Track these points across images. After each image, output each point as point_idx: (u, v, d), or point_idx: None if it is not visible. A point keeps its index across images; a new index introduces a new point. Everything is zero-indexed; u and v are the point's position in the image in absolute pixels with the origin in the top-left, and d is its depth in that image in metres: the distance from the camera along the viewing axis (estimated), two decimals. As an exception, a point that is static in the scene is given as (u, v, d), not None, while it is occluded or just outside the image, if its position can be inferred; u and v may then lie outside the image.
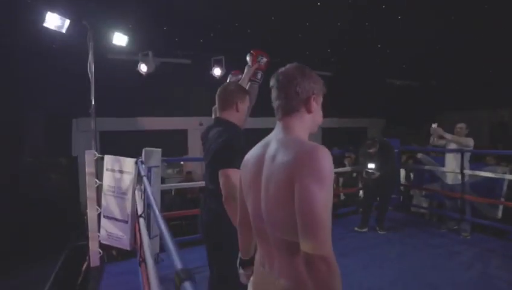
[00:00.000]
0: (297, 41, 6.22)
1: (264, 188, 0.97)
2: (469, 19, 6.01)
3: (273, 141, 1.02)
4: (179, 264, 0.71)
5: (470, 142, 3.99)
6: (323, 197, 0.83)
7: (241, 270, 1.25)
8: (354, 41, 6.53)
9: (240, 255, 1.28)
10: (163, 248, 3.52)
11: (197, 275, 2.42)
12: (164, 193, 6.26)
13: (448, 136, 4.03)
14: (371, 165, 4.13)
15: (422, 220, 5.01)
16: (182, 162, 9.28)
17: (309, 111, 1.05)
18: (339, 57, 7.05)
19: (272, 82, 1.07)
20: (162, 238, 0.92)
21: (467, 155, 4.05)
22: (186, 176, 7.69)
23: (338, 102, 9.43)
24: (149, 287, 1.65)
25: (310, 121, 1.06)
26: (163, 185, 4.18)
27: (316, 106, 1.07)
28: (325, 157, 0.87)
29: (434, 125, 4.18)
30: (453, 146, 4.12)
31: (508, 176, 4.02)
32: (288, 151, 0.92)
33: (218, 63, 5.82)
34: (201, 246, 3.91)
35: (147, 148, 3.00)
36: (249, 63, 2.26)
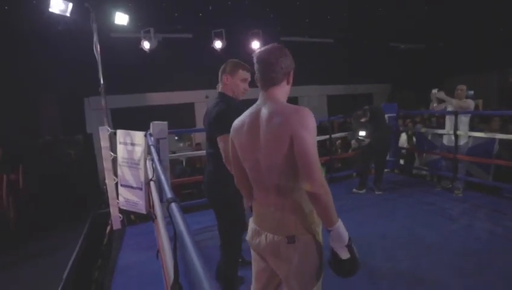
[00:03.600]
0: (297, 10, 6.16)
1: (265, 145, 1.19)
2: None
3: (263, 108, 1.23)
4: (168, 194, 0.98)
5: (471, 104, 4.07)
6: (313, 142, 1.13)
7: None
8: (356, 5, 6.42)
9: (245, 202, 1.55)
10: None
11: (207, 233, 2.79)
12: (175, 164, 6.65)
13: (453, 101, 4.08)
14: (362, 133, 4.32)
15: (421, 181, 5.22)
16: (192, 135, 9.61)
17: (288, 83, 1.29)
18: (340, 24, 6.96)
19: (259, 59, 1.26)
20: (158, 181, 1.17)
21: (467, 117, 4.14)
22: (195, 148, 8.03)
23: (342, 69, 9.44)
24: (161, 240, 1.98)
25: (287, 90, 1.31)
26: (172, 155, 4.50)
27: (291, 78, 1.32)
28: (309, 115, 1.16)
29: (434, 91, 4.26)
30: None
31: (499, 135, 4.15)
32: (282, 113, 1.16)
33: (219, 36, 5.91)
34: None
35: (154, 122, 3.27)
36: None
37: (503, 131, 4.94)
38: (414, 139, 6.16)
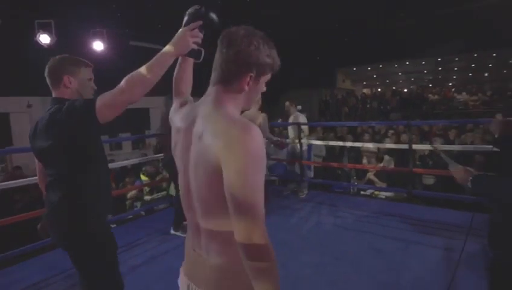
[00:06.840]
0: (148, 14, 5.70)
1: (193, 166, 0.87)
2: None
3: (200, 114, 0.90)
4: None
5: (301, 118, 4.94)
6: (258, 179, 0.78)
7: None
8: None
9: None
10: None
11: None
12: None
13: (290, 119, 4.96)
14: None
15: (274, 187, 5.79)
16: (7, 156, 7.30)
17: (246, 87, 0.92)
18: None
19: (223, 38, 0.91)
20: None
21: (304, 128, 4.97)
22: (13, 173, 6.07)
23: (197, 80, 9.54)
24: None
25: (243, 98, 0.94)
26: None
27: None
28: (258, 136, 0.78)
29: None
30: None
31: (331, 142, 5.24)
32: (217, 130, 0.81)
33: (46, 28, 4.63)
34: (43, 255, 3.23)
35: None
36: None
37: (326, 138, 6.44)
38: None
